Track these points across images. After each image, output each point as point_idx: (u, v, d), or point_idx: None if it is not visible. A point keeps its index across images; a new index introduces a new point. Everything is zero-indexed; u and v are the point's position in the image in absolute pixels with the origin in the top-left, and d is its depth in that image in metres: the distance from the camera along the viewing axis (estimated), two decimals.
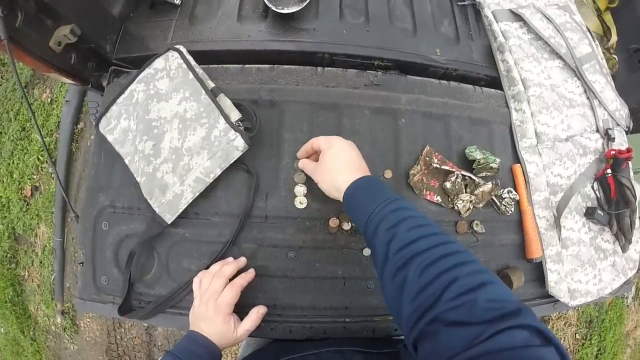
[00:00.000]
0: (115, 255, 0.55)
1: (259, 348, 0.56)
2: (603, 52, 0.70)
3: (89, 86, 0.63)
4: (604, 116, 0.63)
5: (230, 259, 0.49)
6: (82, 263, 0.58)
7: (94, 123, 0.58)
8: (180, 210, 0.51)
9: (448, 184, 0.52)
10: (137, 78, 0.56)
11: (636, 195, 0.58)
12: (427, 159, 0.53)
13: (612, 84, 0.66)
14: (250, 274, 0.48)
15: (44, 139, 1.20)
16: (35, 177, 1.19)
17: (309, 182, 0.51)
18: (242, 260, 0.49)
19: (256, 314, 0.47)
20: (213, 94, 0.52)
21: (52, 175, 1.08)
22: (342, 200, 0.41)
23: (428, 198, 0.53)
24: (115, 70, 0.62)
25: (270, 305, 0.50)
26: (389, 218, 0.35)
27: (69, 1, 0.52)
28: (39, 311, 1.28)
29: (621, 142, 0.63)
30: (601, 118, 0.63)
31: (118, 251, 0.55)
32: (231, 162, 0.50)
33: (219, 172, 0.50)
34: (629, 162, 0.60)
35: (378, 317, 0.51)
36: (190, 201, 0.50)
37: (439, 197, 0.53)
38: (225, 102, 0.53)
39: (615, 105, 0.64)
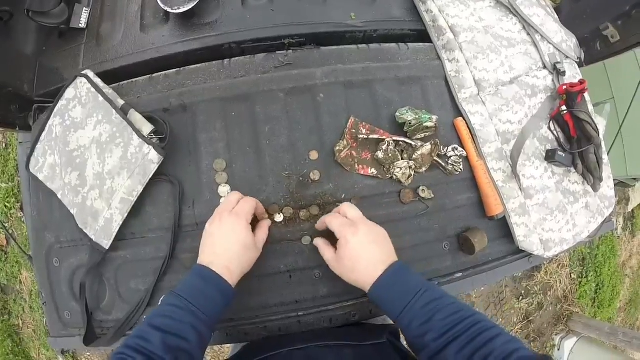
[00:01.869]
0: (71, 288, 0.56)
1: (247, 344, 0.55)
2: None
3: (17, 129, 0.63)
4: (550, 50, 0.57)
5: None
6: (45, 303, 0.59)
7: (24, 165, 0.58)
8: (115, 234, 0.50)
9: (380, 154, 0.49)
10: (53, 112, 0.56)
11: (598, 129, 0.52)
12: (354, 130, 0.49)
13: (555, 15, 0.59)
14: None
15: (7, 185, 1.24)
16: (6, 224, 1.23)
17: (232, 181, 0.49)
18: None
19: (266, 223, 0.45)
20: (123, 112, 0.51)
21: (23, 219, 1.12)
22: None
23: (362, 172, 0.50)
24: (40, 108, 0.62)
25: None
26: (420, 314, 0.37)
27: None
28: (41, 355, 1.33)
29: (573, 75, 0.57)
30: (546, 53, 0.57)
31: (73, 284, 0.55)
32: (150, 176, 0.48)
33: (140, 189, 0.49)
34: (585, 94, 0.53)
35: (332, 305, 0.49)
36: (120, 223, 0.50)
37: (373, 169, 0.50)
38: (136, 117, 0.51)
39: (561, 37, 0.57)
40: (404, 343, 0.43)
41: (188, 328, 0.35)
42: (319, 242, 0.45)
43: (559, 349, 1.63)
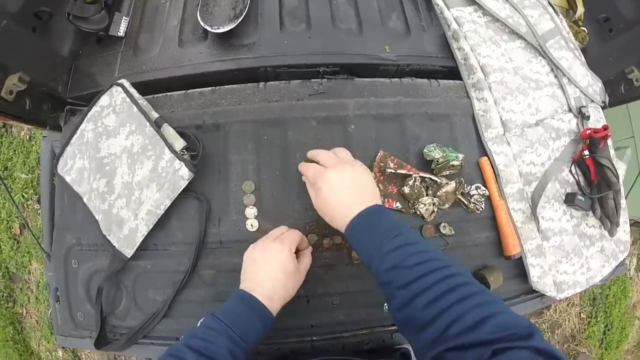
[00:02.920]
0: (87, 291, 0.56)
1: None
2: (570, 26, 0.64)
3: (47, 128, 0.65)
4: (576, 94, 0.58)
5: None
6: (59, 301, 0.60)
7: (54, 165, 0.59)
8: (138, 244, 0.51)
9: (406, 189, 0.50)
10: (86, 117, 0.57)
11: (618, 175, 0.53)
12: (382, 164, 0.50)
13: (582, 58, 0.60)
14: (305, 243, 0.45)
15: (27, 176, 1.25)
16: (22, 214, 1.24)
17: (259, 203, 0.50)
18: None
19: (309, 250, 0.45)
20: (157, 125, 0.52)
21: (39, 212, 1.13)
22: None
23: (387, 205, 0.50)
24: (71, 110, 0.63)
25: None
26: (388, 258, 0.35)
27: (15, 50, 0.53)
28: (41, 347, 1.33)
29: (597, 119, 0.58)
30: (572, 96, 0.58)
31: (89, 287, 0.56)
32: (179, 192, 0.49)
33: (168, 203, 0.50)
34: (608, 140, 0.55)
35: (347, 333, 0.50)
36: (145, 234, 0.51)
37: (398, 204, 0.51)
38: (169, 131, 0.52)
39: (587, 81, 0.59)
40: None
41: (225, 352, 0.35)
42: (305, 180, 0.44)
43: None
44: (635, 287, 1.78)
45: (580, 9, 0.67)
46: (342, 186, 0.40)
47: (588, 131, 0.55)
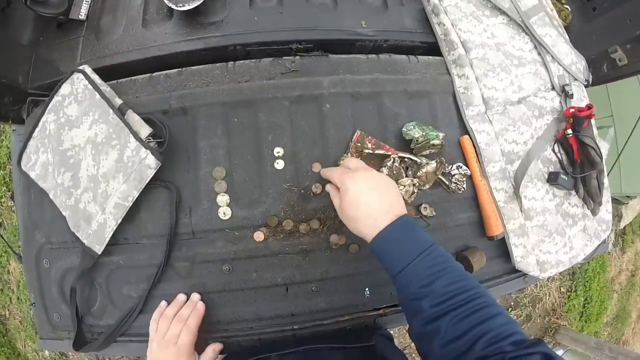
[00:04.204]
0: (61, 291, 0.54)
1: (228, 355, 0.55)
2: (554, 3, 0.62)
3: (9, 122, 0.61)
4: (559, 72, 0.56)
5: (183, 297, 0.47)
6: (34, 303, 0.58)
7: (17, 162, 0.56)
8: (107, 239, 0.49)
9: (385, 170, 0.48)
10: (47, 108, 0.53)
11: (602, 155, 0.52)
12: (359, 144, 0.48)
13: (566, 36, 0.58)
14: (200, 310, 0.46)
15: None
16: None
17: (231, 190, 0.48)
18: (195, 299, 0.47)
19: (212, 351, 0.47)
20: (121, 112, 0.49)
21: (13, 209, 1.09)
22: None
23: None
24: (34, 101, 0.60)
25: (213, 322, 0.48)
26: (422, 276, 0.35)
27: None
28: (27, 347, 1.31)
29: (581, 97, 0.57)
30: (556, 74, 0.56)
31: (63, 287, 0.54)
32: (146, 181, 0.47)
33: (136, 194, 0.47)
34: (591, 119, 0.53)
35: (328, 320, 0.48)
36: (114, 228, 0.48)
37: None
38: (134, 118, 0.49)
39: (571, 59, 0.57)
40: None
41: None
42: (329, 188, 0.43)
43: None
44: (613, 261, 1.85)
45: None
46: (371, 188, 0.38)
47: (572, 110, 0.53)
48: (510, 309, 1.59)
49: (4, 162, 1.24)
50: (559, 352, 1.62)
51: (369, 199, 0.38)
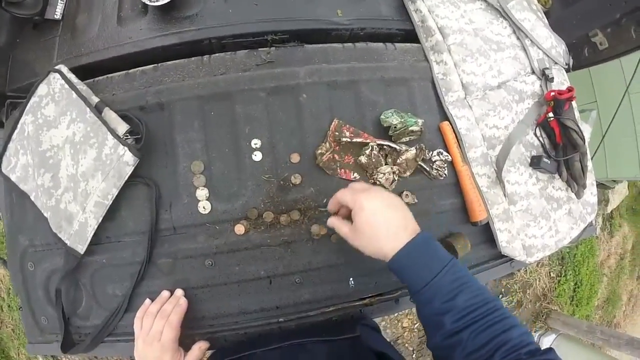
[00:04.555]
0: (47, 293, 0.54)
1: (216, 350, 0.55)
2: None
3: None
4: (539, 56, 0.56)
5: (167, 293, 0.47)
6: (21, 308, 0.58)
7: None
8: (89, 239, 0.48)
9: (364, 158, 0.48)
10: (25, 109, 0.53)
11: (584, 137, 0.51)
12: (337, 133, 0.48)
13: (545, 20, 0.58)
14: (182, 306, 0.46)
15: None
16: None
17: (210, 183, 0.47)
18: (179, 294, 0.47)
19: (198, 349, 0.47)
20: (97, 110, 0.49)
21: None
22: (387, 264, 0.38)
23: (344, 177, 0.48)
24: (12, 103, 0.59)
25: (198, 317, 0.48)
26: (445, 291, 0.36)
27: None
28: (21, 355, 1.31)
29: (561, 81, 0.56)
30: (535, 58, 0.56)
31: (48, 289, 0.54)
32: (125, 179, 0.47)
33: (115, 192, 0.47)
34: (572, 102, 0.53)
35: (313, 311, 0.48)
36: (95, 227, 0.48)
37: (356, 174, 0.49)
38: (111, 115, 0.49)
39: (550, 43, 0.56)
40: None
41: None
42: (333, 220, 0.42)
43: None
44: (601, 245, 1.86)
45: None
46: (387, 205, 0.38)
47: (552, 93, 0.53)
48: (501, 295, 1.60)
49: None
50: (552, 337, 1.63)
51: (387, 216, 0.38)
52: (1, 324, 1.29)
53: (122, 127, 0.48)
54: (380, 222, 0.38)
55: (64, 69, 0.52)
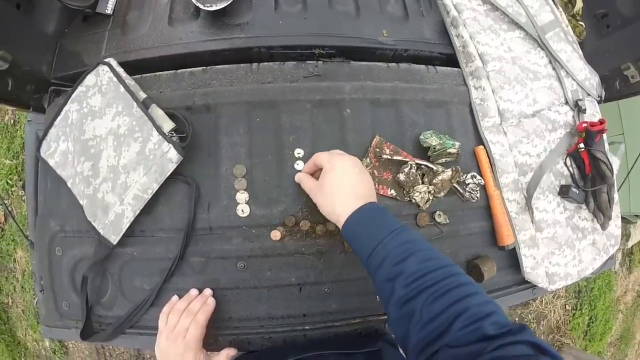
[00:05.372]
0: (72, 280, 0.54)
1: (236, 357, 0.55)
2: (569, 20, 0.64)
3: (30, 110, 0.62)
4: (573, 87, 0.58)
5: (195, 291, 0.48)
6: (43, 290, 0.58)
7: (36, 148, 0.57)
8: (124, 230, 0.49)
9: (402, 176, 0.49)
10: (71, 97, 0.54)
11: (613, 169, 0.53)
12: (377, 150, 0.49)
13: (580, 52, 0.60)
14: (210, 305, 0.46)
15: (12, 162, 1.21)
16: (6, 201, 1.20)
17: (251, 188, 0.48)
18: (207, 294, 0.47)
19: (225, 356, 0.47)
20: (145, 106, 0.50)
21: (23, 198, 1.09)
22: (340, 230, 0.38)
23: (381, 193, 0.49)
24: (56, 90, 0.60)
25: (225, 318, 0.48)
26: (394, 254, 0.34)
27: None
28: (28, 336, 1.30)
29: (593, 113, 0.58)
30: (570, 89, 0.57)
31: (74, 276, 0.54)
32: (167, 175, 0.47)
33: (156, 187, 0.48)
34: (603, 134, 0.54)
35: (339, 322, 0.49)
36: (132, 220, 0.49)
37: (393, 191, 0.50)
38: (158, 112, 0.50)
39: (584, 74, 0.58)
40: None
41: None
42: (300, 174, 0.45)
43: None
44: (619, 281, 1.82)
45: (579, 4, 0.67)
46: (356, 172, 0.39)
47: (584, 124, 0.54)
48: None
49: (18, 152, 1.24)
50: None
51: (352, 182, 0.39)
52: (12, 303, 1.29)
53: (168, 125, 0.49)
54: (343, 184, 0.38)
55: (114, 62, 0.53)
